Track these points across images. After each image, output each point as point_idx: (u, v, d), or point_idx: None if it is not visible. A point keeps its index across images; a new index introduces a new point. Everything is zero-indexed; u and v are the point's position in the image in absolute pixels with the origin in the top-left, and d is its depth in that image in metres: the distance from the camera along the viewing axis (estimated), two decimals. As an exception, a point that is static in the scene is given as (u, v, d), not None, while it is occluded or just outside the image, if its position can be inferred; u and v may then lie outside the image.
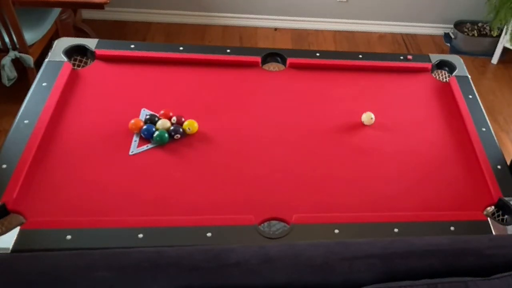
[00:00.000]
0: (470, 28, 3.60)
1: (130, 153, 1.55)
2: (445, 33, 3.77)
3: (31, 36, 2.54)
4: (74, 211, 1.36)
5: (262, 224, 1.40)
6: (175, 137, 1.60)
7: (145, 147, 1.57)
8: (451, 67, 2.02)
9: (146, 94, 1.76)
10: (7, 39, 2.41)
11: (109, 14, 3.52)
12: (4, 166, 1.42)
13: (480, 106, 1.84)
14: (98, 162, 1.50)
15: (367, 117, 1.73)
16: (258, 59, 1.94)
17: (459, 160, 1.66)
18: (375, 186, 1.55)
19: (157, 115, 1.65)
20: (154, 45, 1.95)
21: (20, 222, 1.30)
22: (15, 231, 1.27)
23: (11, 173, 1.40)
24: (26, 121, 1.56)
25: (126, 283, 1.04)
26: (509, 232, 1.42)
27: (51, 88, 1.67)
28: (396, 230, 1.39)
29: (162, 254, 1.08)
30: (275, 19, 3.67)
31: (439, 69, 2.04)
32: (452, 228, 1.42)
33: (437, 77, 2.02)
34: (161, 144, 1.58)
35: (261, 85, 1.86)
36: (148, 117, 1.63)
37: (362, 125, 1.74)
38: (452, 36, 3.66)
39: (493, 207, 1.51)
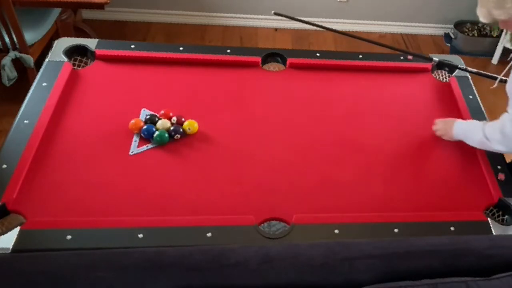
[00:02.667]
0: (470, 28, 3.59)
1: (130, 153, 1.55)
2: (445, 33, 3.77)
3: (31, 36, 2.54)
4: (74, 211, 1.36)
5: (262, 224, 1.40)
6: (175, 137, 1.60)
7: (145, 147, 1.57)
8: (451, 68, 2.02)
9: (146, 94, 1.76)
10: (7, 39, 2.41)
11: (109, 14, 3.52)
12: (4, 166, 1.42)
13: (480, 106, 1.84)
14: (99, 162, 1.50)
15: None
16: (258, 59, 1.93)
17: (459, 160, 1.66)
18: (375, 186, 1.54)
19: (157, 115, 1.65)
20: (154, 45, 1.96)
21: (20, 222, 1.30)
22: (15, 231, 1.27)
23: (11, 173, 1.40)
24: (26, 121, 1.55)
25: (126, 283, 1.04)
26: (509, 232, 1.42)
27: (51, 88, 1.67)
28: (396, 230, 1.39)
29: (162, 254, 1.08)
30: (276, 19, 3.67)
31: (439, 69, 2.04)
32: (452, 228, 1.41)
33: (437, 77, 2.02)
34: (161, 144, 1.58)
35: (261, 85, 1.86)
36: (148, 117, 1.63)
37: (362, 125, 1.73)
38: (452, 36, 3.66)
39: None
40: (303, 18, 2.14)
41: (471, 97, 1.88)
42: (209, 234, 1.33)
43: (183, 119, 1.64)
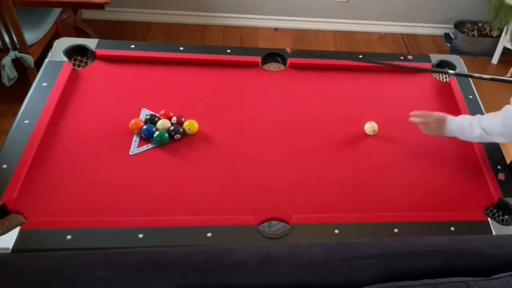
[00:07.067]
0: (470, 28, 3.59)
1: (131, 153, 1.55)
2: (445, 33, 3.77)
3: (31, 36, 2.54)
4: (74, 211, 1.36)
5: (262, 224, 1.40)
6: (175, 137, 1.60)
7: (145, 147, 1.57)
8: (451, 67, 2.02)
9: (147, 94, 1.76)
10: (7, 39, 2.41)
11: (110, 14, 3.52)
12: (5, 166, 1.42)
13: (480, 106, 1.84)
14: (99, 162, 1.50)
15: (370, 128, 1.71)
16: (259, 59, 1.93)
17: (459, 160, 1.66)
18: (375, 186, 1.54)
19: (158, 115, 1.65)
20: (155, 45, 1.95)
21: (21, 222, 1.30)
22: (16, 231, 1.27)
23: (11, 173, 1.40)
24: (26, 121, 1.55)
25: (126, 283, 1.04)
26: (509, 232, 1.42)
27: (51, 88, 1.67)
28: (396, 230, 1.39)
29: (162, 254, 1.09)
30: (276, 19, 3.67)
31: (439, 69, 2.04)
32: (452, 228, 1.41)
33: (438, 78, 2.02)
34: (161, 144, 1.58)
35: (262, 85, 1.86)
36: (148, 117, 1.63)
37: (362, 125, 1.73)
38: (453, 36, 3.66)
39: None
40: (303, 18, 2.12)
41: (471, 97, 1.88)
42: (209, 234, 1.33)
43: (183, 119, 1.64)
